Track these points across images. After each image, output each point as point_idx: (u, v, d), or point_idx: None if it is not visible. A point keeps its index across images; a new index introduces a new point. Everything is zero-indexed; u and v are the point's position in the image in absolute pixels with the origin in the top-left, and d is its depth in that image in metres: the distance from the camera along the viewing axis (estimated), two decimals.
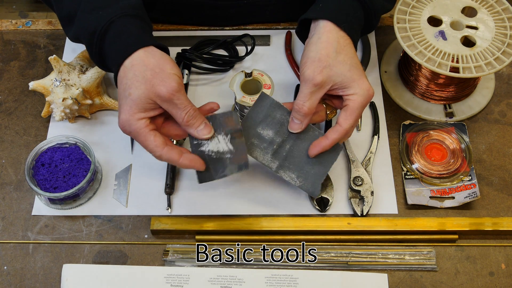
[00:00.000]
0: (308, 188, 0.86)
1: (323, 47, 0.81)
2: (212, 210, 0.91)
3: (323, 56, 0.81)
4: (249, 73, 0.93)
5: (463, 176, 0.92)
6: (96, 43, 0.81)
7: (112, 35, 0.80)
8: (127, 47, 0.79)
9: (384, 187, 0.92)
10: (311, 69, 0.80)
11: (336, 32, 0.82)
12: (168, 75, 0.77)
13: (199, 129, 0.81)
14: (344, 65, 0.81)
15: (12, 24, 1.12)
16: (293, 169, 0.85)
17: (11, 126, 1.00)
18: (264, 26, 1.10)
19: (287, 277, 0.85)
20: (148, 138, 0.78)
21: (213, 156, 0.82)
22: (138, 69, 0.78)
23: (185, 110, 0.79)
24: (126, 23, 0.81)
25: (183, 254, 0.87)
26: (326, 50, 0.81)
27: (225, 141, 0.82)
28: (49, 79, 0.96)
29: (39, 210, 0.91)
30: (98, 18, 0.81)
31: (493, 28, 0.94)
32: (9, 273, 0.87)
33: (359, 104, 0.81)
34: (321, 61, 0.80)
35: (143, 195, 0.93)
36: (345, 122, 0.81)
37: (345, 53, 0.82)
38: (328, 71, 0.80)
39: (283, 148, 0.85)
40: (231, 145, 0.82)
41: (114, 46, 0.80)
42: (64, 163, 0.91)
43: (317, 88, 0.81)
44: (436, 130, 0.96)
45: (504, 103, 1.01)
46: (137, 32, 0.81)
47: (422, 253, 0.87)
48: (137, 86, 0.77)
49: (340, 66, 0.81)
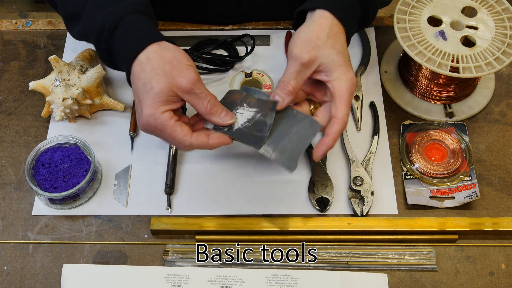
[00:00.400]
0: (284, 162, 0.81)
1: (315, 30, 0.81)
2: (212, 210, 0.91)
3: (313, 38, 0.81)
4: (249, 73, 0.93)
5: (463, 176, 0.92)
6: (105, 39, 0.81)
7: (122, 30, 0.80)
8: (139, 41, 0.79)
9: (384, 187, 0.92)
10: (300, 48, 0.80)
11: (331, 19, 0.82)
12: (186, 67, 0.78)
13: (222, 116, 0.81)
14: (333, 49, 0.80)
15: (12, 24, 1.12)
16: (270, 143, 0.82)
17: (11, 126, 1.00)
18: (264, 26, 1.10)
19: (287, 277, 0.85)
20: (176, 128, 0.78)
21: (249, 125, 0.82)
22: (155, 62, 0.78)
23: (207, 98, 0.79)
24: (136, 19, 0.81)
25: (183, 254, 0.87)
26: (317, 33, 0.81)
27: (246, 109, 0.83)
28: (49, 79, 0.96)
29: (39, 210, 0.91)
30: (107, 15, 0.81)
31: (493, 28, 0.94)
32: (9, 273, 0.87)
33: (346, 89, 0.80)
34: (311, 42, 0.80)
35: (143, 195, 0.93)
36: (338, 112, 0.80)
37: (336, 39, 0.81)
38: (316, 52, 0.80)
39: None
40: (254, 107, 0.83)
41: (124, 41, 0.80)
42: (64, 163, 0.91)
43: (304, 68, 0.80)
44: (436, 130, 0.96)
45: (504, 103, 1.01)
46: (148, 27, 0.81)
47: (422, 253, 0.87)
48: (157, 79, 0.77)
49: (329, 49, 0.80)
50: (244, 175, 0.94)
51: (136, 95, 0.79)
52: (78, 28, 0.85)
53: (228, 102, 0.84)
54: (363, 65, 1.04)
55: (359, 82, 1.02)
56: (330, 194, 0.91)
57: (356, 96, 1.00)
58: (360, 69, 1.03)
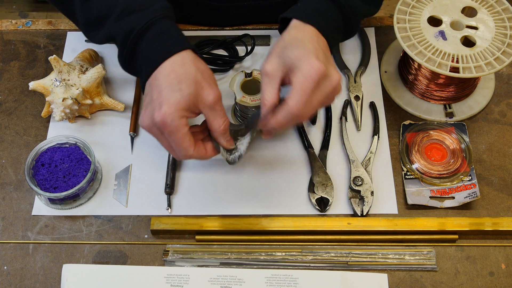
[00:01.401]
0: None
1: (281, 39, 0.82)
2: (212, 210, 0.91)
3: (276, 46, 0.81)
4: (249, 73, 0.93)
5: (463, 176, 0.92)
6: (132, 41, 0.81)
7: (153, 33, 0.81)
8: (174, 44, 0.80)
9: (384, 187, 0.92)
10: (264, 60, 0.81)
11: (302, 25, 0.82)
12: (214, 82, 0.80)
13: (228, 139, 0.83)
14: (295, 48, 0.79)
15: (12, 24, 1.12)
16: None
17: (11, 126, 1.00)
18: (264, 26, 1.10)
19: (287, 277, 0.85)
20: (186, 137, 0.78)
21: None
22: (189, 68, 0.78)
23: (223, 118, 0.81)
24: (169, 24, 0.82)
25: (183, 254, 0.87)
26: (282, 42, 0.81)
27: (241, 139, 0.86)
28: (49, 79, 0.96)
29: (39, 210, 0.91)
30: (138, 19, 0.81)
31: (493, 28, 0.94)
32: (9, 273, 0.87)
33: (302, 79, 0.76)
34: (274, 50, 0.81)
35: (143, 195, 0.93)
36: (289, 98, 0.77)
37: (302, 38, 0.80)
38: (276, 59, 0.80)
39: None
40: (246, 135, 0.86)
41: (156, 43, 0.81)
42: (64, 163, 0.91)
43: (269, 78, 0.79)
44: (436, 130, 0.96)
45: (504, 103, 1.01)
46: (180, 33, 0.82)
47: (422, 253, 0.87)
48: (188, 84, 0.77)
49: (289, 50, 0.79)
50: (244, 175, 0.94)
51: (157, 91, 0.78)
52: (102, 33, 0.85)
53: None
54: (363, 65, 1.04)
55: (359, 82, 1.02)
56: (330, 194, 0.91)
57: (356, 96, 1.00)
58: (360, 69, 1.03)
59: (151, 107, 0.78)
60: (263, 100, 0.79)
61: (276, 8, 1.07)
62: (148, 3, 0.83)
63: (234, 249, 0.87)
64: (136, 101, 1.01)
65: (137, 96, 1.01)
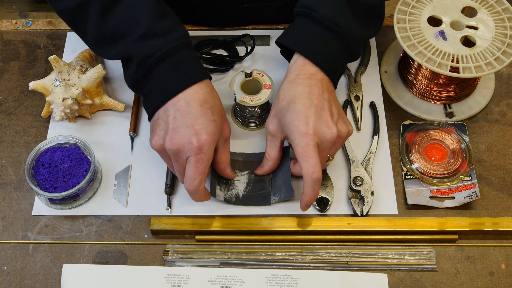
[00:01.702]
0: (285, 196, 0.89)
1: (278, 96, 0.86)
2: (212, 210, 0.91)
3: (275, 105, 0.87)
4: (249, 73, 0.93)
5: (463, 176, 0.92)
6: (149, 64, 0.83)
7: (173, 61, 0.83)
8: (194, 73, 0.83)
9: (384, 187, 0.92)
10: (269, 119, 0.88)
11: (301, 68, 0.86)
12: (226, 117, 0.87)
13: (230, 172, 0.90)
14: (287, 113, 0.84)
15: (12, 24, 1.12)
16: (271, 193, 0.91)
17: (11, 126, 1.00)
18: (264, 26, 1.10)
19: (287, 277, 0.85)
20: (206, 169, 0.82)
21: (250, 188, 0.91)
22: (216, 100, 0.85)
23: (229, 151, 0.88)
24: (190, 54, 0.85)
25: (183, 254, 0.87)
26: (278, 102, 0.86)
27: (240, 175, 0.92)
28: (49, 79, 0.96)
29: (39, 210, 0.91)
30: (159, 44, 0.83)
31: (493, 28, 0.94)
32: (9, 273, 0.87)
33: (301, 149, 0.81)
34: (273, 109, 0.87)
35: (143, 195, 0.93)
36: (303, 170, 0.82)
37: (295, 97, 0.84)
38: (276, 121, 0.87)
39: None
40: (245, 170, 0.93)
41: (174, 72, 0.83)
42: (64, 163, 0.91)
43: (272, 137, 0.88)
44: (436, 130, 0.96)
45: (504, 103, 1.01)
46: (199, 63, 0.86)
47: (422, 253, 0.87)
48: (218, 116, 0.83)
49: (283, 115, 0.84)
50: None
51: (192, 118, 0.81)
52: (116, 51, 0.86)
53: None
54: (363, 65, 1.04)
55: (359, 82, 1.02)
56: (330, 194, 0.91)
57: (356, 96, 1.00)
58: (360, 69, 1.03)
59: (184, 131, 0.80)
60: (267, 155, 0.89)
61: (275, 10, 1.07)
62: (170, 29, 0.84)
63: (234, 249, 0.87)
64: (136, 101, 1.01)
65: (137, 96, 1.01)
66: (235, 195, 0.90)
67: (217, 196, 0.89)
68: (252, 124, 0.97)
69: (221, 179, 0.91)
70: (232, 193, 0.90)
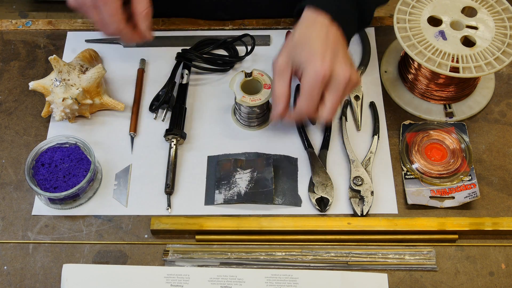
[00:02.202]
0: (291, 202, 0.90)
1: (292, 36, 0.84)
2: (212, 210, 0.91)
3: (288, 43, 0.85)
4: (249, 73, 0.93)
5: (463, 176, 0.92)
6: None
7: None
8: None
9: (384, 187, 0.92)
10: (277, 54, 0.85)
11: (314, 16, 0.84)
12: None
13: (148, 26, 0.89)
14: (303, 48, 0.82)
15: (12, 24, 1.12)
16: (275, 193, 0.91)
17: (11, 126, 1.00)
18: (264, 26, 1.10)
19: (287, 277, 0.85)
20: (118, 10, 0.85)
21: (252, 185, 0.91)
22: None
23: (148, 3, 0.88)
24: None
25: (183, 254, 0.87)
26: (293, 39, 0.84)
27: (242, 173, 0.92)
28: (49, 79, 0.96)
29: (39, 210, 0.91)
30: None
31: (493, 28, 0.94)
32: (9, 273, 0.87)
33: (306, 84, 0.81)
34: (286, 47, 0.85)
35: (143, 195, 0.93)
36: (298, 102, 0.83)
37: (311, 36, 0.83)
38: (287, 56, 0.84)
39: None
40: (248, 168, 0.92)
41: None
42: (64, 163, 0.91)
43: (280, 73, 0.85)
44: (436, 130, 0.96)
45: (504, 103, 1.01)
46: None
47: (422, 253, 0.87)
48: None
49: (298, 50, 0.83)
50: None
51: None
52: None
53: (223, 173, 0.91)
54: (363, 65, 1.04)
55: None
56: (330, 194, 0.91)
57: (356, 96, 1.00)
58: (360, 69, 1.03)
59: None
60: (274, 92, 0.86)
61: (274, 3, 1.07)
62: None
63: (234, 249, 0.87)
64: (136, 101, 1.01)
65: (137, 96, 1.01)
66: (236, 193, 0.90)
67: (215, 201, 0.90)
68: (252, 124, 0.97)
69: (221, 181, 0.91)
70: (234, 191, 0.90)
